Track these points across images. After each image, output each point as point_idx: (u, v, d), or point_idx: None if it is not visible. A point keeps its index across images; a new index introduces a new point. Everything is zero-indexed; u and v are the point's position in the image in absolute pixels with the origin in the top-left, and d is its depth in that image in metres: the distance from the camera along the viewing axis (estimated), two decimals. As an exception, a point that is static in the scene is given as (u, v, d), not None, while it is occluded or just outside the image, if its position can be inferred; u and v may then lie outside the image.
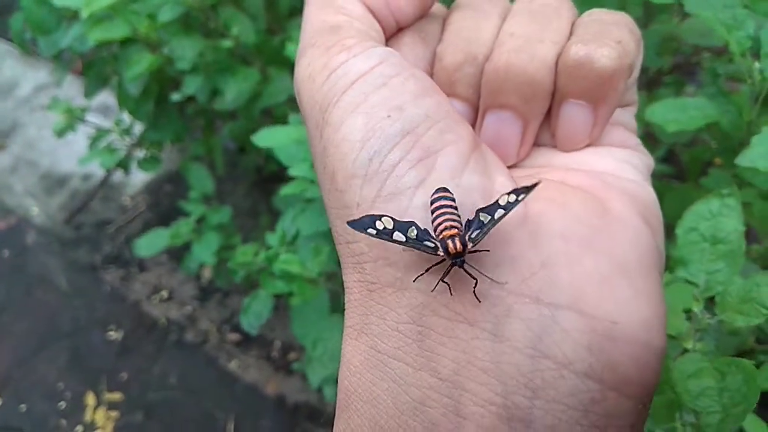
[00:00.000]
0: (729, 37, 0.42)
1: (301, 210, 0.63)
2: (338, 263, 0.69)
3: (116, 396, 1.15)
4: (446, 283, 0.22)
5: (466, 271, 0.22)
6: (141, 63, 0.73)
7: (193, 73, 0.72)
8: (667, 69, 0.89)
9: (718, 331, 0.35)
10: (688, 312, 0.32)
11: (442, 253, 0.22)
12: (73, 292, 1.28)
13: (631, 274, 0.22)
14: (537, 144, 0.28)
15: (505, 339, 0.21)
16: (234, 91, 0.69)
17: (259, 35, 0.72)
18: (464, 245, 0.22)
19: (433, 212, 0.22)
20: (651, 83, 0.89)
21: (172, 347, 1.19)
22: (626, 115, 0.28)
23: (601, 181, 0.25)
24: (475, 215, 0.22)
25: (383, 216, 0.22)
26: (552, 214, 0.23)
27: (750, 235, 0.68)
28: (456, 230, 0.22)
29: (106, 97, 1.36)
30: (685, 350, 0.32)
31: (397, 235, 0.21)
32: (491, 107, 0.26)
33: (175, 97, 0.79)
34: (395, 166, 0.23)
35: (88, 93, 0.99)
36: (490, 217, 0.22)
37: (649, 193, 0.27)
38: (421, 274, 0.22)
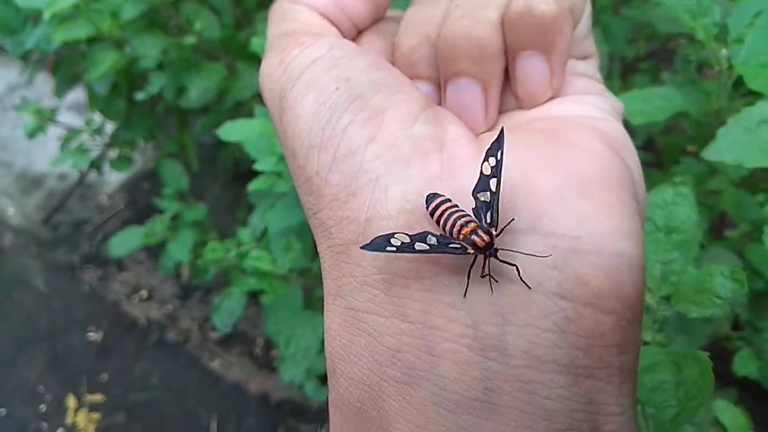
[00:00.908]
0: (694, 24, 0.41)
1: (270, 205, 0.62)
2: (312, 257, 0.68)
3: (97, 397, 1.14)
4: (493, 278, 0.21)
5: (500, 259, 0.21)
6: (105, 62, 0.72)
7: (157, 71, 0.70)
8: (644, 55, 0.88)
9: (685, 321, 0.35)
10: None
11: (471, 251, 0.21)
12: (52, 293, 1.27)
13: (590, 190, 0.22)
14: (505, 111, 0.28)
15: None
16: (199, 88, 0.68)
17: (225, 30, 0.71)
18: (489, 234, 0.21)
19: (439, 219, 0.22)
20: (627, 70, 0.88)
21: (154, 347, 1.18)
22: (587, 67, 0.29)
23: (561, 122, 0.26)
24: (474, 199, 0.22)
25: (396, 233, 0.21)
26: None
27: (727, 222, 0.68)
28: (473, 223, 0.22)
29: (81, 94, 1.35)
30: (645, 343, 0.31)
31: (420, 245, 0.21)
32: (448, 78, 0.26)
33: (140, 96, 0.78)
34: (346, 128, 0.24)
35: (59, 92, 0.97)
36: (488, 193, 0.22)
37: (618, 130, 0.26)
38: (467, 284, 0.21)
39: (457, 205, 0.22)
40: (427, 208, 0.22)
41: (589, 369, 0.20)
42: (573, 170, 0.23)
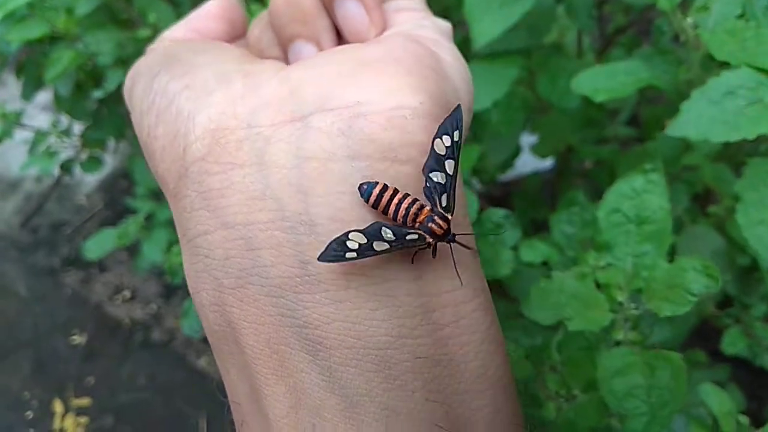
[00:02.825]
0: (656, -7, 0.39)
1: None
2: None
3: (84, 401, 1.12)
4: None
5: (459, 243, 0.21)
6: (61, 61, 0.69)
7: (114, 68, 0.67)
8: (623, 28, 0.86)
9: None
10: (613, 302, 0.29)
11: (430, 239, 0.21)
12: (33, 298, 1.24)
13: (373, 66, 0.23)
14: None
15: (270, 164, 0.21)
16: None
17: (183, 21, 0.68)
18: (446, 220, 0.21)
19: (386, 209, 0.21)
20: (606, 44, 0.86)
21: (139, 348, 1.16)
22: (407, 2, 0.29)
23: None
24: (426, 178, 0.22)
25: (349, 233, 0.21)
26: (303, 67, 0.24)
27: (713, 197, 0.66)
28: (426, 209, 0.21)
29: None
30: (617, 343, 0.30)
31: (378, 245, 0.21)
32: (286, 46, 0.28)
33: (98, 93, 0.75)
34: (165, 86, 0.25)
35: (25, 95, 0.94)
36: (441, 174, 0.21)
37: (432, 36, 0.27)
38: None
39: (398, 190, 0.21)
40: (367, 200, 0.21)
41: None
42: (360, 56, 0.24)
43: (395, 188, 0.21)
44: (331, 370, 0.20)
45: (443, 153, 0.21)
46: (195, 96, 0.24)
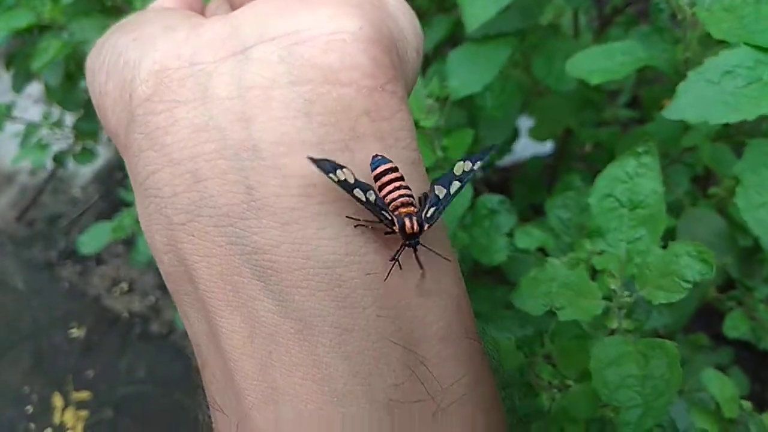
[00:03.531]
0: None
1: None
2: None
3: (84, 395, 1.12)
4: (398, 262, 0.21)
5: (417, 256, 0.21)
6: (48, 50, 0.68)
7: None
8: (621, 6, 0.84)
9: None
10: (606, 290, 0.28)
11: (397, 230, 0.21)
12: (31, 292, 1.24)
13: (313, 0, 0.23)
14: None
15: (213, 97, 0.21)
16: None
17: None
18: (421, 226, 0.21)
19: (382, 186, 0.21)
20: (604, 25, 0.84)
21: (138, 340, 1.16)
22: None
23: None
24: (431, 187, 0.22)
25: (344, 167, 0.21)
26: (244, 9, 0.24)
27: (714, 178, 0.65)
28: (413, 207, 0.21)
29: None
30: (611, 332, 0.29)
31: (358, 192, 0.21)
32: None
33: (84, 83, 0.74)
34: (115, 43, 0.25)
35: (16, 87, 0.93)
36: (445, 191, 0.22)
37: None
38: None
39: (403, 179, 0.22)
40: (373, 170, 0.21)
41: (343, 141, 0.21)
42: None
43: (402, 175, 0.21)
44: (283, 294, 0.20)
45: (459, 174, 0.22)
46: (141, 45, 0.24)
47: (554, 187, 0.58)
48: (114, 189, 1.33)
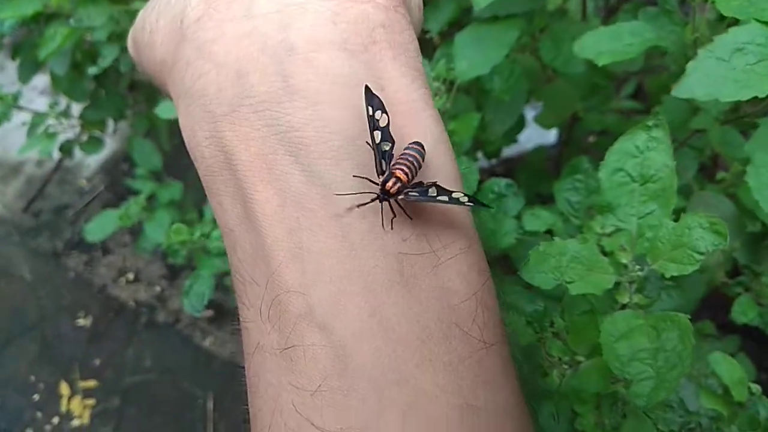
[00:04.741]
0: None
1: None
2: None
3: (91, 383, 1.12)
4: (359, 206, 0.23)
5: (383, 211, 0.23)
6: (55, 38, 0.68)
7: (108, 43, 0.66)
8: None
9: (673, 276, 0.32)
10: (617, 264, 0.28)
11: (379, 180, 0.23)
12: (37, 282, 1.24)
13: None
14: None
15: (258, 14, 0.25)
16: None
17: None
18: (399, 192, 0.23)
19: (403, 154, 0.24)
20: (612, 10, 0.84)
21: (144, 329, 1.16)
22: None
23: None
24: (433, 183, 0.24)
25: (386, 113, 0.24)
26: None
27: (722, 163, 0.64)
28: (406, 177, 0.24)
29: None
30: (622, 306, 0.28)
31: (376, 134, 0.24)
32: None
33: (93, 70, 0.74)
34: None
35: (23, 77, 0.93)
36: (436, 194, 0.24)
37: None
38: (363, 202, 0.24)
39: (418, 166, 0.24)
40: (409, 144, 0.24)
41: (363, 45, 0.25)
42: None
43: (421, 164, 0.24)
44: (311, 166, 0.23)
45: (454, 197, 0.24)
46: None
47: (561, 173, 0.58)
48: (120, 179, 1.33)
